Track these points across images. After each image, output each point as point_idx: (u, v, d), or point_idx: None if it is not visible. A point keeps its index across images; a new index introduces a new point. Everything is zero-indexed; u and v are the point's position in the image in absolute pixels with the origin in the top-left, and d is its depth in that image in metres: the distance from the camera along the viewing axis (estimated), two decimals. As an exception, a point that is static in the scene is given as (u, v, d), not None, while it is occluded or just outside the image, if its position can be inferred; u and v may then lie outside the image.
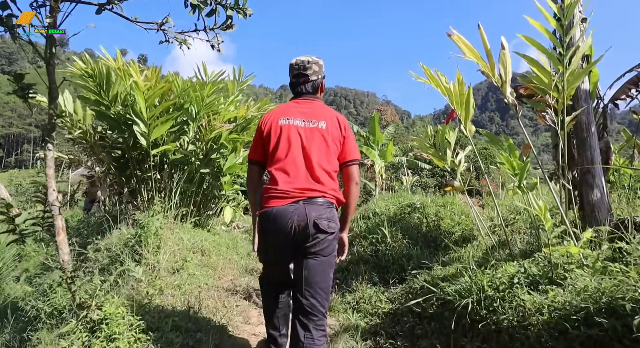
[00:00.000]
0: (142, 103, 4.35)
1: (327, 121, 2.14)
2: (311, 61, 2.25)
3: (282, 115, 2.17)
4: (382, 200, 5.31)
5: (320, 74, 2.28)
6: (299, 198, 1.98)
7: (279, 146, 2.09)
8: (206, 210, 5.72)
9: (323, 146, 2.09)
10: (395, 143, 21.15)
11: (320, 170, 2.05)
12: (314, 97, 2.27)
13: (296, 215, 1.94)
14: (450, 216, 4.48)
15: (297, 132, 2.10)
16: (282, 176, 2.03)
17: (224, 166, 5.40)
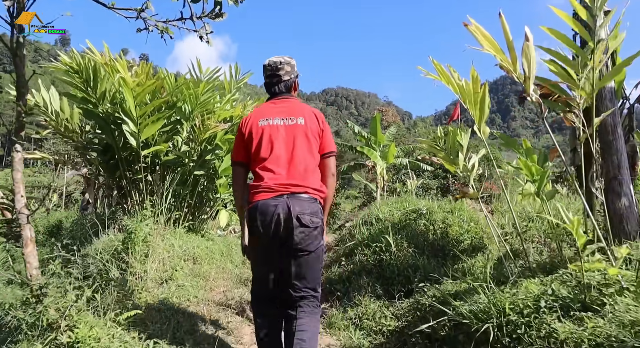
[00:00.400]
0: (130, 101, 4.08)
1: (305, 117, 2.22)
2: (283, 61, 2.33)
3: (261, 116, 2.23)
4: (385, 205, 5.03)
5: (293, 73, 2.36)
6: (282, 192, 2.04)
7: (261, 146, 2.15)
8: (201, 214, 5.44)
9: (304, 141, 2.17)
10: (396, 144, 20.87)
11: (303, 166, 2.13)
12: (289, 95, 2.34)
13: (280, 208, 2.00)
14: (459, 223, 4.20)
15: (278, 130, 2.17)
16: (267, 174, 2.10)
17: (219, 168, 5.13)
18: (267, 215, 2.00)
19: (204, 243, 4.56)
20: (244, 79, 5.78)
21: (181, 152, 4.84)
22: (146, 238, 3.82)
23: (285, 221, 1.99)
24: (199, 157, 4.89)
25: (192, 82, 4.82)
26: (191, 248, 4.19)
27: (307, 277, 2.10)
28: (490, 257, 3.92)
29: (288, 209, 1.99)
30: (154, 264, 3.75)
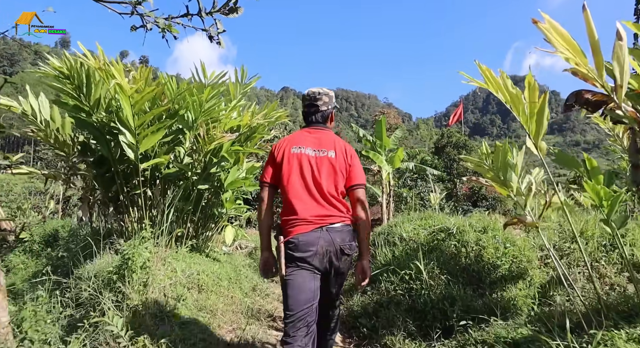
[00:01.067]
0: (127, 109, 3.65)
1: (336, 151, 2.30)
2: (322, 92, 2.44)
3: (295, 143, 2.31)
4: (408, 222, 4.59)
5: (330, 104, 2.45)
6: (320, 224, 2.13)
7: (292, 174, 2.23)
8: (205, 230, 5.00)
9: (332, 173, 2.25)
10: (401, 148, 20.38)
11: (331, 197, 2.21)
12: (324, 126, 2.43)
13: (322, 241, 2.10)
14: (494, 244, 3.75)
15: (309, 161, 2.26)
16: (299, 205, 2.16)
17: (225, 181, 4.69)
18: (311, 248, 2.09)
19: (209, 265, 4.12)
20: (250, 83, 5.35)
21: (184, 164, 4.40)
22: (145, 263, 3.39)
23: (329, 252, 2.11)
24: (203, 170, 4.45)
25: (196, 87, 4.39)
26: (195, 273, 3.75)
27: (337, 294, 2.34)
28: (531, 284, 3.50)
29: (332, 242, 2.12)
30: (153, 294, 3.31)
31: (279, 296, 4.36)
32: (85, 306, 3.39)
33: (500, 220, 4.34)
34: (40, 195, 16.38)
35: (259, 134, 4.99)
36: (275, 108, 4.96)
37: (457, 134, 37.43)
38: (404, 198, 17.12)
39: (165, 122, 3.95)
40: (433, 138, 45.85)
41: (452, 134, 36.90)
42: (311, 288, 2.12)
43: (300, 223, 2.12)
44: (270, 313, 3.75)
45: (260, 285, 4.33)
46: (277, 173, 2.27)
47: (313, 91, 2.45)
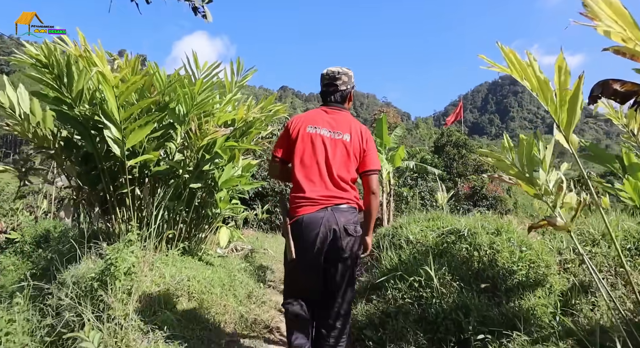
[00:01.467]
0: (112, 100, 3.35)
1: (352, 134, 2.26)
2: (341, 72, 2.37)
3: (311, 122, 2.28)
4: (414, 222, 4.29)
5: (349, 84, 2.39)
6: (326, 205, 2.14)
7: (304, 154, 2.23)
8: (198, 232, 4.70)
9: (345, 157, 2.23)
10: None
11: (342, 181, 2.19)
12: (342, 107, 2.38)
13: (327, 220, 2.10)
14: (509, 248, 3.46)
15: (323, 142, 2.23)
16: (308, 184, 2.18)
17: (219, 180, 4.39)
18: (315, 228, 2.10)
19: (201, 270, 3.82)
20: (247, 76, 5.05)
21: (174, 161, 4.11)
22: (130, 269, 3.09)
23: (332, 231, 2.10)
24: (195, 167, 4.15)
25: (188, 79, 4.09)
26: (186, 279, 3.46)
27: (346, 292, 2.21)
28: (551, 292, 3.22)
29: (335, 221, 2.11)
30: (139, 304, 3.02)
31: (276, 304, 4.07)
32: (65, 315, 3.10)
33: (513, 220, 4.04)
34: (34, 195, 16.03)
35: (256, 130, 4.69)
36: (272, 102, 4.66)
37: (457, 133, 37.20)
38: (404, 197, 16.86)
39: (153, 115, 3.65)
40: (433, 137, 45.65)
41: (452, 133, 36.67)
42: (314, 276, 2.15)
43: (306, 203, 2.14)
44: (266, 324, 3.45)
45: (256, 291, 4.03)
46: (290, 150, 2.28)
47: (332, 70, 2.38)
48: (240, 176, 4.43)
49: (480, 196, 23.76)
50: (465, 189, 27.85)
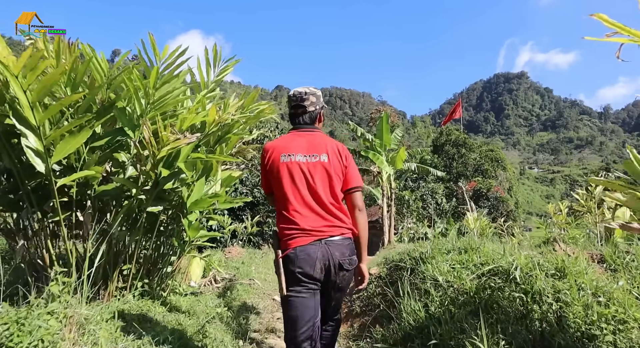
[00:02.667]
0: (20, 96, 2.35)
1: (329, 153, 2.17)
2: (308, 92, 2.29)
3: (284, 150, 2.17)
4: (440, 255, 3.30)
5: (318, 104, 2.31)
6: (319, 236, 2.04)
7: (284, 186, 2.11)
8: (163, 266, 3.70)
9: (327, 179, 2.14)
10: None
11: (329, 205, 2.11)
12: (313, 128, 2.29)
13: (320, 254, 2.01)
14: (582, 300, 2.49)
15: (300, 169, 2.13)
16: (297, 216, 2.07)
17: (188, 200, 3.38)
18: (309, 262, 2.00)
19: (160, 324, 2.82)
20: (226, 69, 4.06)
21: (126, 179, 3.11)
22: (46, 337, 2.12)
23: (327, 266, 2.03)
24: (154, 185, 3.15)
25: (144, 69, 3.10)
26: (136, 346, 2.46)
27: (336, 311, 2.29)
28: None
29: (330, 257, 2.02)
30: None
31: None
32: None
33: (582, 254, 3.05)
34: None
35: (236, 135, 3.69)
36: (255, 99, 3.66)
37: (457, 132, 36.32)
38: (405, 201, 15.90)
39: (86, 117, 2.64)
40: (431, 136, 44.75)
41: (451, 132, 35.78)
42: (312, 306, 2.05)
43: (298, 234, 2.05)
44: None
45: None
46: (269, 182, 2.21)
47: (299, 91, 2.31)
48: (213, 196, 3.42)
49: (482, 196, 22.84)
50: (467, 188, 26.99)
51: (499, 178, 33.63)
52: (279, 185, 2.12)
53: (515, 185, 34.70)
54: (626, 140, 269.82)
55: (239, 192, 8.95)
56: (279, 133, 12.41)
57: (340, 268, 2.05)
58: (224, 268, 4.95)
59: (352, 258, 2.10)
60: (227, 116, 3.22)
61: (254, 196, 9.15)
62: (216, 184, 3.96)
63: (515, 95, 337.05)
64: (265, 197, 2.43)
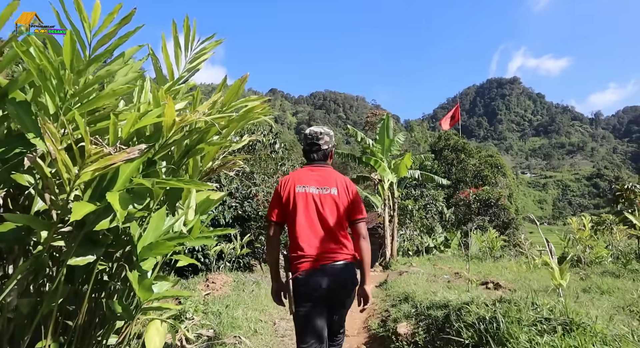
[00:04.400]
0: None
1: (338, 187, 2.47)
2: (323, 132, 2.61)
3: (299, 182, 2.47)
4: (521, 330, 2.15)
5: (331, 143, 2.61)
6: (324, 262, 2.32)
7: (298, 214, 2.38)
8: (103, 338, 2.51)
9: (335, 210, 2.42)
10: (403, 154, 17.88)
11: (336, 233, 2.39)
12: (325, 164, 2.60)
13: (326, 278, 2.30)
14: None
15: (313, 199, 2.42)
16: (306, 242, 2.34)
17: (139, 243, 2.21)
18: (315, 284, 2.29)
19: None
20: (203, 52, 2.92)
21: (29, 217, 1.94)
22: None
23: (331, 288, 2.30)
24: (79, 225, 1.99)
25: (52, 43, 1.93)
26: None
27: (340, 325, 2.55)
28: None
29: (334, 280, 2.31)
30: None
31: None
32: None
33: None
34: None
35: (213, 145, 2.53)
36: (240, 92, 2.49)
37: (455, 137, 35.38)
38: (409, 211, 14.75)
39: None
40: (428, 140, 43.83)
41: (450, 137, 34.83)
42: (319, 320, 2.34)
43: (307, 260, 2.31)
44: None
45: None
46: (284, 211, 2.45)
47: (315, 130, 2.61)
48: (178, 237, 2.25)
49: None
50: (465, 195, 25.98)
51: (499, 184, 32.70)
52: (293, 213, 2.38)
53: (515, 192, 33.81)
54: (617, 146, 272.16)
55: (226, 205, 7.76)
56: (274, 137, 11.23)
57: (343, 288, 2.35)
58: (202, 316, 3.78)
59: (353, 280, 2.39)
60: (194, 118, 2.06)
61: (245, 210, 7.96)
62: (187, 211, 2.80)
63: (508, 100, 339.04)
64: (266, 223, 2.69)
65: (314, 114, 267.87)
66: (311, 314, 2.31)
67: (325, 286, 2.27)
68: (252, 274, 7.80)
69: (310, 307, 2.31)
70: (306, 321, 2.32)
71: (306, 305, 2.31)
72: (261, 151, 10.79)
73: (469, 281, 4.19)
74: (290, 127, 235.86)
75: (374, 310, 5.04)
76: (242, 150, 10.29)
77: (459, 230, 20.80)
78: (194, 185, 2.04)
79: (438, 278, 6.56)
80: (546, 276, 7.07)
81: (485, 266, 9.66)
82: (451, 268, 9.57)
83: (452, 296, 3.40)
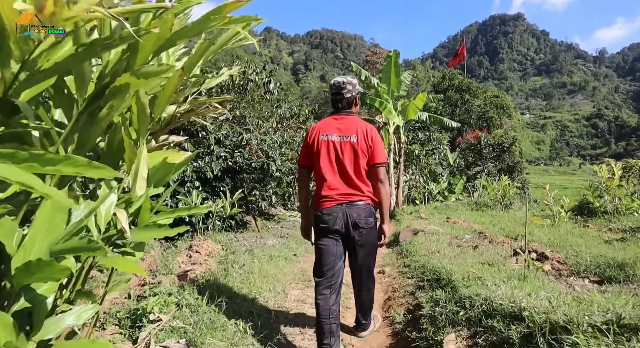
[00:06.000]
0: None
1: (358, 135, 2.64)
2: (346, 81, 2.74)
3: (323, 131, 2.69)
4: None
5: (354, 91, 2.75)
6: (342, 201, 2.59)
7: (321, 159, 2.65)
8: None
9: (353, 156, 2.64)
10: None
11: (354, 177, 2.62)
12: (349, 112, 2.76)
13: (342, 214, 2.56)
14: None
15: (334, 146, 2.65)
16: (326, 185, 2.61)
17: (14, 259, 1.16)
18: (332, 220, 2.56)
19: None
20: None
21: None
22: None
23: (346, 224, 2.57)
24: None
25: None
26: None
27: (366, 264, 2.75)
28: None
29: (347, 216, 2.56)
30: None
31: None
32: None
33: None
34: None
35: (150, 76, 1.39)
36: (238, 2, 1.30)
37: (460, 76, 33.57)
38: (415, 156, 13.68)
39: None
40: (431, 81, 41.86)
41: (455, 76, 33.02)
42: (334, 252, 2.60)
43: (327, 200, 2.59)
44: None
45: None
46: (309, 156, 2.72)
47: (338, 80, 2.76)
48: (86, 246, 1.19)
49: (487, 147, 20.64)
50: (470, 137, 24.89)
51: (504, 126, 31.48)
52: (316, 159, 2.66)
53: (520, 133, 32.67)
54: (619, 85, 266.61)
55: (214, 155, 6.66)
56: (268, 75, 9.85)
57: (356, 226, 2.56)
58: (175, 311, 2.84)
59: (367, 219, 2.60)
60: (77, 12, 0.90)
61: (235, 162, 6.86)
62: (135, 183, 1.72)
63: (511, 38, 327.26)
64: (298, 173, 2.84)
65: (311, 54, 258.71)
66: (328, 248, 2.59)
67: (342, 222, 2.54)
68: (245, 234, 6.85)
69: (328, 241, 2.59)
70: (322, 254, 2.62)
71: (324, 240, 2.60)
72: (254, 92, 9.48)
73: (525, 263, 3.23)
74: (287, 67, 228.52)
75: (393, 288, 4.12)
76: (231, 90, 8.99)
77: (464, 175, 19.94)
78: (89, 170, 0.94)
79: (461, 241, 5.65)
80: (584, 235, 6.20)
81: (503, 220, 8.80)
82: (466, 221, 8.70)
83: (519, 293, 2.44)
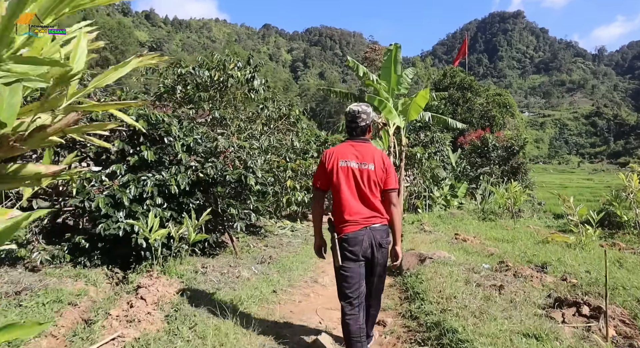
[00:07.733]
0: None
1: (375, 163, 2.84)
2: (361, 110, 2.92)
3: (342, 157, 2.86)
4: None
5: (368, 120, 2.94)
6: (365, 224, 2.78)
7: (342, 185, 2.81)
8: None
9: (372, 183, 2.82)
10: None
11: (373, 202, 2.82)
12: (364, 139, 2.96)
13: (367, 238, 2.77)
14: None
15: (353, 173, 2.82)
16: (348, 209, 2.78)
17: None
18: (358, 244, 2.75)
19: None
20: None
21: None
22: None
23: (371, 246, 2.78)
24: None
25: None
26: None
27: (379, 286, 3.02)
28: None
29: (373, 239, 2.78)
30: None
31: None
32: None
33: None
34: None
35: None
36: None
37: (462, 74, 32.44)
38: (417, 160, 12.59)
39: None
40: (431, 78, 40.65)
41: (456, 74, 31.88)
42: (359, 274, 2.78)
43: (351, 224, 2.76)
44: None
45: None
46: (328, 181, 2.88)
47: (353, 109, 2.92)
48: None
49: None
50: (472, 137, 23.80)
51: (506, 125, 30.38)
52: (337, 184, 2.81)
53: (523, 133, 31.56)
54: (618, 83, 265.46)
55: (182, 165, 5.51)
56: (252, 71, 8.70)
57: (380, 246, 2.80)
58: None
59: (387, 239, 2.86)
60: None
61: (207, 174, 5.73)
62: None
63: (510, 36, 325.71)
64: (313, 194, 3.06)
65: (310, 51, 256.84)
66: (353, 270, 2.76)
67: (367, 244, 2.75)
68: (218, 260, 5.63)
69: (352, 265, 2.76)
70: (347, 277, 2.78)
71: (349, 263, 2.76)
72: (237, 90, 8.35)
73: None
74: (285, 65, 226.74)
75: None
76: (210, 88, 7.84)
77: (467, 177, 18.86)
78: None
79: (480, 275, 4.55)
80: (625, 262, 5.13)
81: (518, 235, 7.71)
82: (477, 237, 7.61)
83: None
